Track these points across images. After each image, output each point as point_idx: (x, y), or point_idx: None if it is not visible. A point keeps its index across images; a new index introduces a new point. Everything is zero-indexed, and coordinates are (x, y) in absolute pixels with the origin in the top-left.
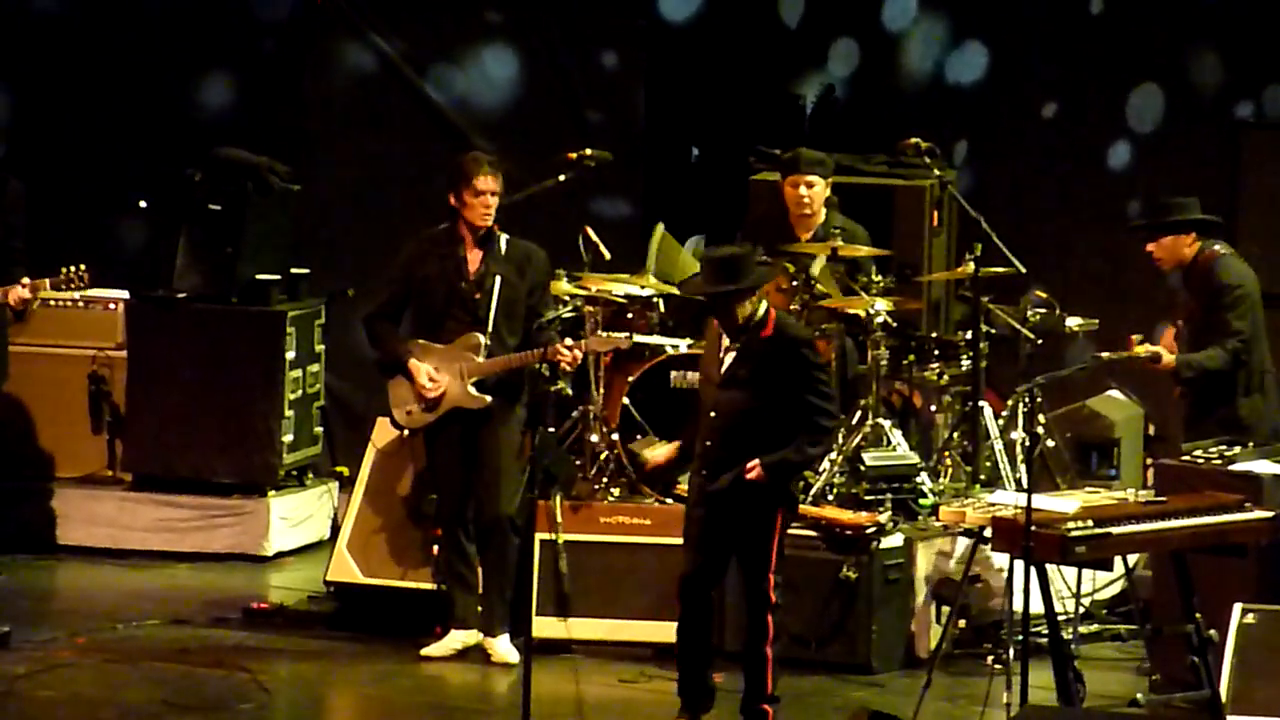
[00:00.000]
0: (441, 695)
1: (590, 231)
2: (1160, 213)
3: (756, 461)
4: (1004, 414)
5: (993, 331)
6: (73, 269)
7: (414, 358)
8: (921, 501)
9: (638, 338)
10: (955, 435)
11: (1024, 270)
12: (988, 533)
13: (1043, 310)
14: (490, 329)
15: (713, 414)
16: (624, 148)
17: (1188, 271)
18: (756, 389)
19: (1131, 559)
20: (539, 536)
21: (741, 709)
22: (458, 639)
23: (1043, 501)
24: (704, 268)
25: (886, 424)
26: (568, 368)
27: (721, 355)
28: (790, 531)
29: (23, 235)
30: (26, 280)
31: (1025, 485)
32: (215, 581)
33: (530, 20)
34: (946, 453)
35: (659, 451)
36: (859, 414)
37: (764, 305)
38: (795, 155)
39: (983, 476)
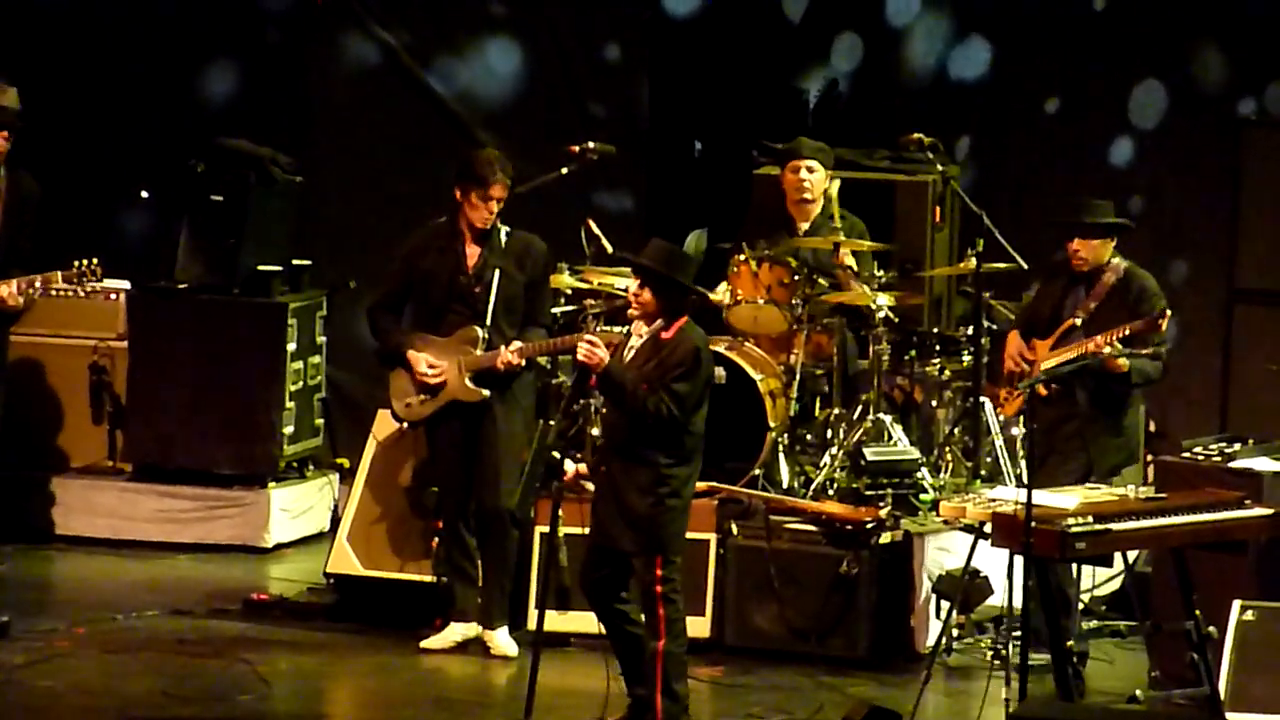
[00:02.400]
0: (441, 687)
1: (592, 224)
2: (1088, 212)
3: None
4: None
5: (994, 327)
6: (85, 262)
7: (413, 349)
8: (922, 497)
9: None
10: (956, 431)
11: (1026, 266)
12: (988, 528)
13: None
14: (489, 322)
15: (605, 404)
16: (627, 141)
17: (1092, 275)
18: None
19: (1131, 555)
20: (539, 530)
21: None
22: (457, 631)
23: (1043, 497)
24: (654, 246)
25: (887, 419)
26: (584, 360)
27: (626, 349)
28: (790, 526)
29: (31, 235)
30: (11, 281)
31: (1026, 481)
32: (215, 572)
33: (534, 13)
34: (947, 448)
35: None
36: (860, 409)
37: (680, 319)
38: (796, 142)
39: (983, 472)
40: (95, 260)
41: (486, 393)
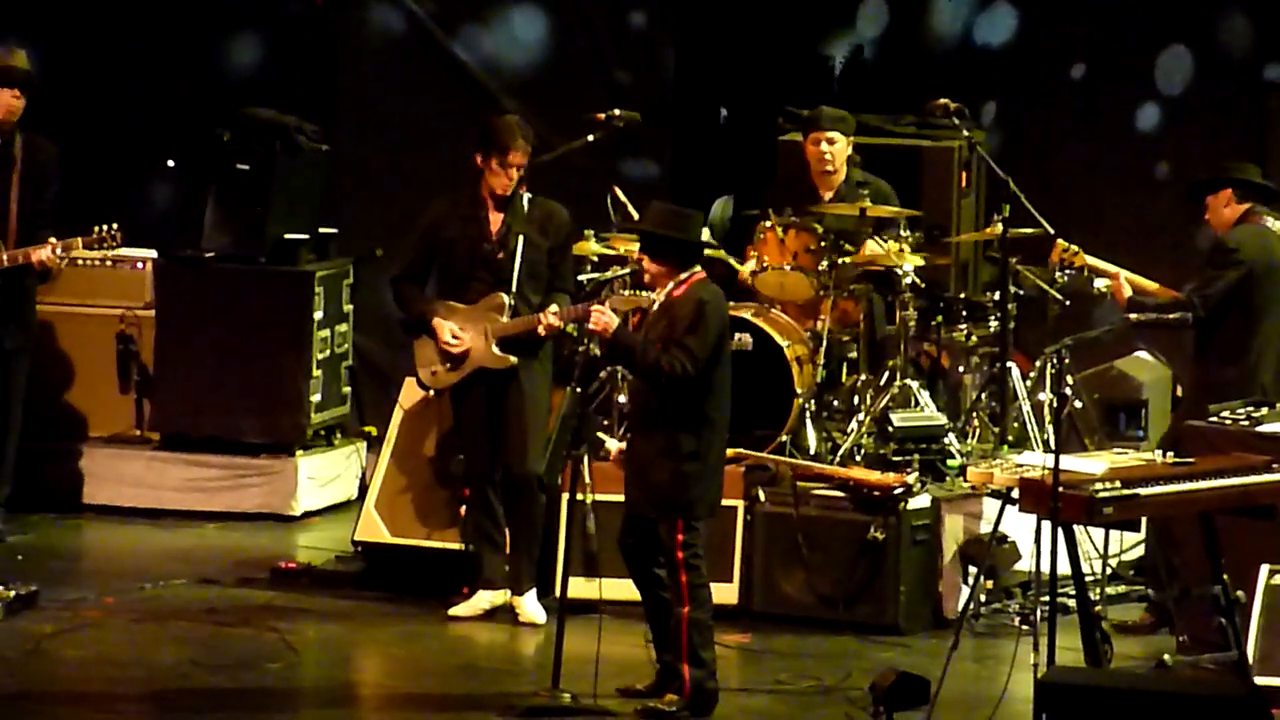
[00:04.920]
0: (469, 655)
1: (618, 192)
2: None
3: (605, 312)
4: (1032, 375)
5: (1021, 292)
6: (105, 228)
7: (439, 317)
8: (949, 462)
9: None
10: (983, 396)
11: (1052, 231)
12: (1015, 494)
13: (1071, 271)
14: (514, 289)
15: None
16: (652, 108)
17: None
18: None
19: None
20: (565, 496)
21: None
22: (485, 599)
23: (1070, 462)
24: (652, 210)
25: (914, 385)
26: (593, 328)
27: (646, 313)
28: (818, 492)
29: (53, 198)
30: (53, 240)
31: (1053, 446)
32: (243, 541)
33: None
34: (974, 414)
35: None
36: (887, 375)
37: (690, 274)
38: (816, 113)
39: (1010, 437)
40: (115, 225)
41: (514, 359)
